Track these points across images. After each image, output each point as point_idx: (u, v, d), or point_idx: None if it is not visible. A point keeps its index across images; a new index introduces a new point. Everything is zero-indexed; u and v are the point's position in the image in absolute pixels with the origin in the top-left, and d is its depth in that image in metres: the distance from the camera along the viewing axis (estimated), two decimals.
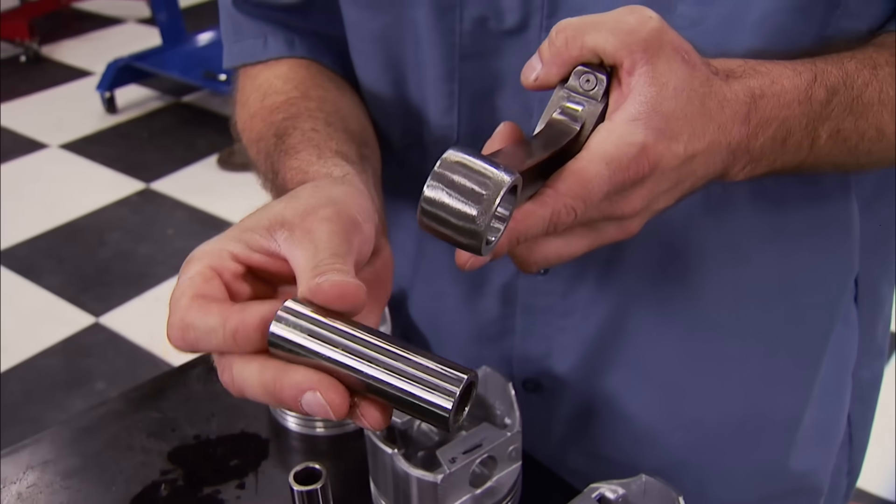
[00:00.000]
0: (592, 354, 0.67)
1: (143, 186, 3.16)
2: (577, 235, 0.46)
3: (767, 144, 0.48)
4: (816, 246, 0.63)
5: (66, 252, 2.79)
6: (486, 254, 0.39)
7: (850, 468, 0.79)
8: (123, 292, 2.58)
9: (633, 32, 0.43)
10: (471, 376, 0.37)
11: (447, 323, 0.74)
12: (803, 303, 0.65)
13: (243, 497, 0.65)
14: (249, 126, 0.64)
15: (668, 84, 0.43)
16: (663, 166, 0.43)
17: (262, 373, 0.38)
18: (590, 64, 0.45)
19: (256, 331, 0.38)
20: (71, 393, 2.20)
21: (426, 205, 0.38)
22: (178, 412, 0.74)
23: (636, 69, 0.43)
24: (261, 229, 0.42)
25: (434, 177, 0.38)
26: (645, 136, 0.42)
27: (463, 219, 0.37)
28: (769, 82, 0.47)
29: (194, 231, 2.89)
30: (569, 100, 0.45)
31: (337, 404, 0.37)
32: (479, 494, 0.61)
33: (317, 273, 0.38)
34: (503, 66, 0.59)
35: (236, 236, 0.42)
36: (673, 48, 0.43)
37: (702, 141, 0.44)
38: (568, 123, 0.45)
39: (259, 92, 0.65)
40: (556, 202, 0.41)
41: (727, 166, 0.47)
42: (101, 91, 3.63)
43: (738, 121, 0.46)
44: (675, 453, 0.69)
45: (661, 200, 0.46)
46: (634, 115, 0.43)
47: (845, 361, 0.71)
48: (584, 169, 0.42)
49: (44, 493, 0.66)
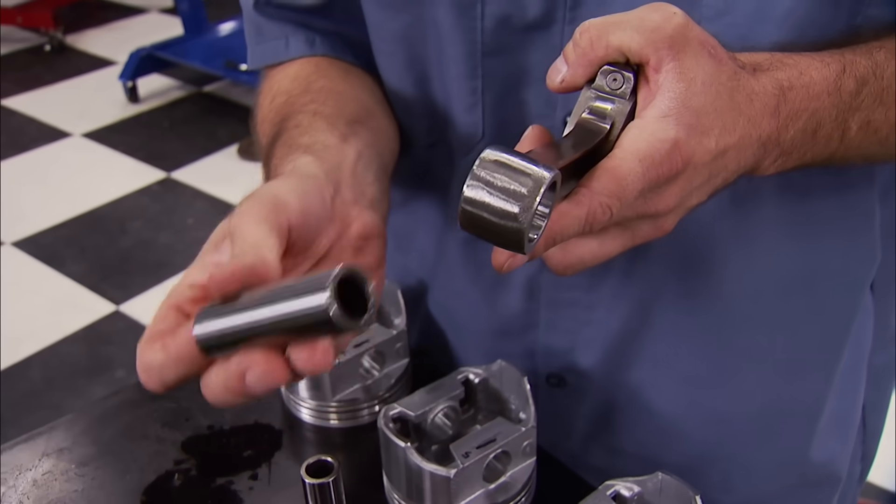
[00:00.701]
0: (617, 349, 0.67)
1: (164, 175, 3.18)
2: (612, 236, 0.45)
3: (798, 137, 0.47)
4: (840, 236, 0.63)
5: (87, 240, 2.82)
6: (528, 252, 0.39)
7: (864, 453, 0.79)
8: (143, 281, 2.60)
9: (657, 29, 0.43)
10: (344, 267, 0.37)
11: (467, 318, 0.74)
12: (827, 293, 0.65)
13: (256, 488, 0.65)
14: (261, 131, 0.65)
15: (697, 79, 0.42)
16: (696, 162, 0.43)
17: (217, 376, 0.40)
18: (616, 63, 0.45)
19: (190, 344, 0.40)
20: (92, 380, 2.23)
21: (467, 205, 0.38)
22: (193, 402, 0.73)
23: (663, 66, 0.43)
24: (211, 247, 0.45)
25: (473, 177, 0.38)
26: (677, 132, 0.42)
27: (505, 217, 0.37)
28: (797, 74, 0.47)
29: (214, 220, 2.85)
30: (597, 100, 0.45)
31: (272, 368, 0.38)
32: (492, 490, 0.60)
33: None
34: (527, 61, 0.58)
35: (198, 261, 0.45)
36: (699, 43, 0.43)
37: (733, 135, 0.44)
38: (597, 123, 0.45)
39: (270, 94, 0.66)
40: (592, 201, 0.41)
41: (758, 160, 0.47)
42: (124, 80, 3.65)
43: (768, 114, 0.45)
44: (698, 447, 0.69)
45: (694, 197, 0.46)
46: (665, 112, 0.42)
47: (862, 349, 0.71)
48: (617, 167, 0.41)
49: (58, 480, 0.67)
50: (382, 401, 0.71)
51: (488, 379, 0.65)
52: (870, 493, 1.80)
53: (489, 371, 0.65)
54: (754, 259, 0.62)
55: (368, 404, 0.71)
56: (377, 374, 0.71)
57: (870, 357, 0.72)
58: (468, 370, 0.65)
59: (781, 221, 0.61)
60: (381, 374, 0.72)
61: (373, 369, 0.71)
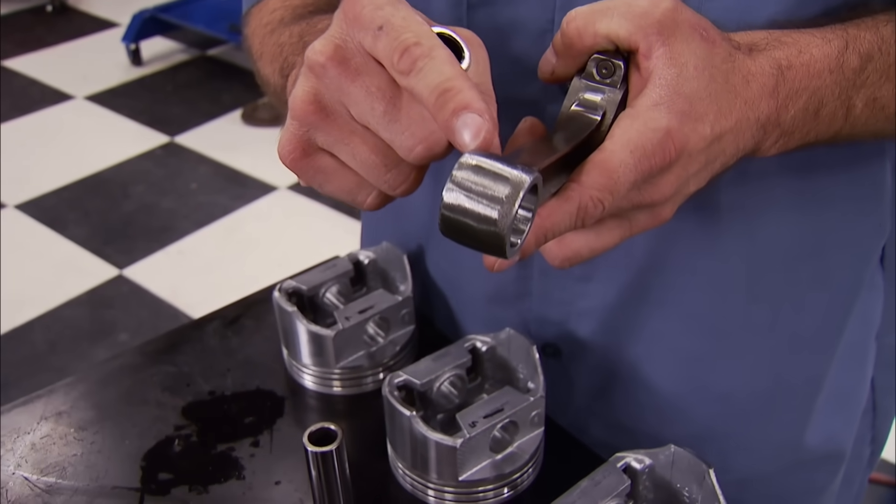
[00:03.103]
0: (614, 321, 0.65)
1: (168, 140, 3.15)
2: (608, 227, 0.44)
3: (799, 116, 0.46)
4: (849, 208, 0.61)
5: (90, 204, 2.80)
6: (511, 256, 0.38)
7: (875, 436, 0.78)
8: (147, 245, 2.58)
9: (645, 15, 0.41)
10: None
11: (465, 283, 0.72)
12: (832, 265, 0.63)
13: (257, 455, 0.64)
14: (258, 48, 0.63)
15: (688, 64, 0.41)
16: (690, 149, 0.42)
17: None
18: (606, 51, 0.44)
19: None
20: (95, 344, 2.22)
21: (446, 211, 0.37)
22: (194, 367, 0.72)
23: (653, 52, 0.41)
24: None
25: (452, 181, 0.37)
26: (669, 121, 0.41)
27: (484, 222, 0.37)
28: (796, 52, 0.45)
29: (218, 186, 2.89)
30: (587, 89, 0.44)
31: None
32: (499, 460, 0.59)
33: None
34: (514, 14, 0.56)
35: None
36: (690, 26, 0.42)
37: (729, 119, 0.43)
38: (588, 114, 0.44)
39: (259, 17, 0.65)
40: (582, 196, 0.40)
41: (758, 142, 0.46)
42: (127, 43, 3.61)
43: (766, 94, 0.44)
44: (698, 424, 0.67)
45: (691, 183, 0.45)
46: (656, 100, 0.41)
47: (869, 326, 0.69)
48: (608, 159, 0.40)
49: (57, 444, 0.66)
50: (387, 368, 0.70)
51: (496, 347, 0.64)
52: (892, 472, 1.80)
53: (497, 339, 0.64)
54: (758, 231, 0.60)
55: (373, 371, 0.70)
56: (382, 340, 0.70)
57: (881, 337, 0.71)
58: (475, 338, 0.64)
59: (787, 192, 0.59)
60: (387, 340, 0.70)
61: (378, 336, 0.70)
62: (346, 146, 0.43)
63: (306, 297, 0.71)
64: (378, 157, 0.43)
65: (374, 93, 0.41)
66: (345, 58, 0.41)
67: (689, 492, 0.54)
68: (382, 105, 0.41)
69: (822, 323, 0.65)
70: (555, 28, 0.54)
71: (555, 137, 0.43)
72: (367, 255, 0.74)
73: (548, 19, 0.54)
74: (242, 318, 0.77)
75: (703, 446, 0.65)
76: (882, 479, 1.75)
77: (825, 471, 0.73)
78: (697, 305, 0.63)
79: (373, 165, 0.43)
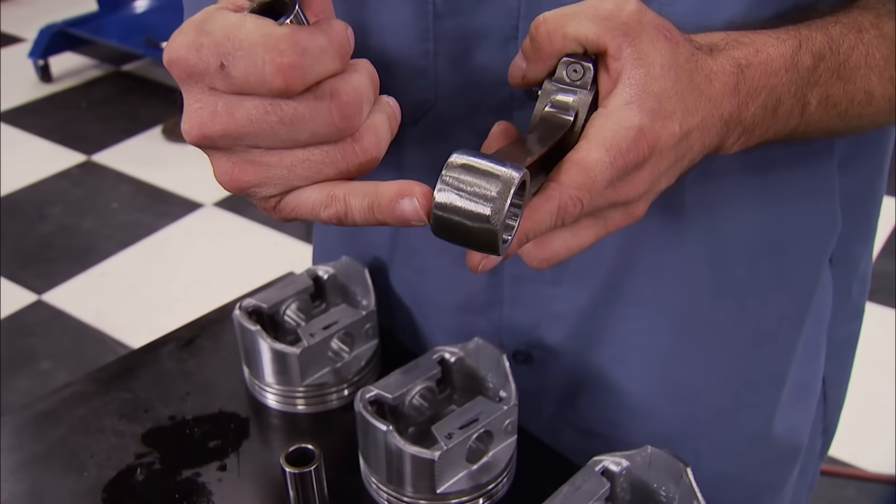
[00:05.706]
0: (584, 325, 0.66)
1: (84, 158, 3.04)
2: (584, 227, 0.46)
3: (759, 114, 0.48)
4: (804, 203, 0.64)
5: (4, 227, 2.68)
6: (502, 253, 0.39)
7: (826, 427, 0.80)
8: (67, 268, 2.48)
9: (612, 17, 0.43)
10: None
11: (431, 295, 0.72)
12: (791, 261, 0.66)
13: (225, 479, 0.62)
14: None
15: (655, 64, 0.43)
16: (661, 146, 0.43)
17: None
18: (575, 54, 0.45)
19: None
20: (15, 373, 2.12)
21: (438, 210, 0.38)
22: (151, 392, 0.70)
23: (621, 53, 0.43)
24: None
25: (442, 181, 0.38)
26: (640, 119, 0.42)
27: (477, 220, 0.37)
28: (754, 52, 0.48)
29: (140, 204, 2.80)
30: (558, 92, 0.45)
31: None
32: (475, 471, 0.59)
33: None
34: (480, 23, 0.56)
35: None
36: (654, 27, 0.43)
37: (695, 116, 0.45)
38: (561, 115, 0.45)
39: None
40: (562, 194, 0.41)
41: (722, 139, 0.48)
42: (34, 59, 3.47)
43: (728, 92, 0.46)
44: (670, 425, 0.69)
45: (662, 181, 0.46)
46: (627, 99, 0.43)
47: (822, 321, 0.72)
48: (584, 158, 0.42)
49: (8, 481, 0.62)
50: (352, 384, 0.69)
51: (464, 358, 0.64)
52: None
53: (465, 349, 0.64)
54: (721, 227, 0.62)
55: (337, 388, 0.69)
56: (346, 356, 0.69)
57: (830, 331, 0.74)
58: (443, 349, 0.64)
59: (747, 189, 0.61)
60: (351, 356, 0.69)
61: (342, 351, 0.69)
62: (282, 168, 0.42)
63: (266, 314, 0.70)
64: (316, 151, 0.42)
65: (265, 117, 0.39)
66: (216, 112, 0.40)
67: (665, 491, 0.55)
68: (281, 125, 0.39)
69: (784, 317, 0.67)
70: (519, 35, 0.55)
71: (528, 139, 0.44)
72: (326, 270, 0.73)
73: (512, 26, 0.55)
74: (198, 340, 0.75)
75: (677, 447, 0.66)
76: (882, 479, 1.77)
77: (787, 463, 0.75)
78: (666, 303, 0.64)
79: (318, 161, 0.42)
